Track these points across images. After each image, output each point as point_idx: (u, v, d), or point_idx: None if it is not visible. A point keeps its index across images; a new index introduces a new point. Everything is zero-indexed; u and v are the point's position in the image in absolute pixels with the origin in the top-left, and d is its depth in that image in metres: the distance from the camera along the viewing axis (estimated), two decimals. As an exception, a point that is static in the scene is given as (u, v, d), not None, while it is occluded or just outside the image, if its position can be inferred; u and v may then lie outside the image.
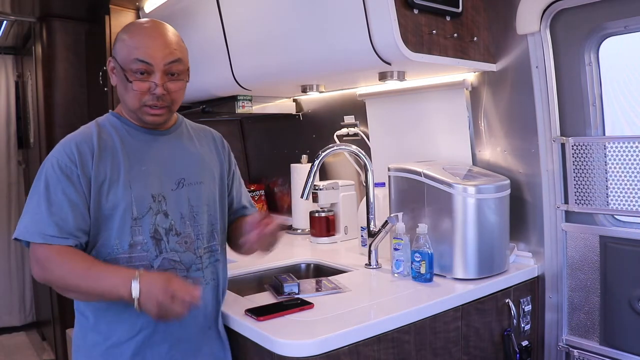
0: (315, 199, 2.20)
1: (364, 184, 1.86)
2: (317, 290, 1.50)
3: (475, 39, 1.70)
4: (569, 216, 1.67)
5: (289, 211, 2.63)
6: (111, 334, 1.18)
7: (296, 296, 1.43)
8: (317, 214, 2.23)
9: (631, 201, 1.53)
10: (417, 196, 1.65)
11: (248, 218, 1.28)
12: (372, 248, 1.77)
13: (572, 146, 1.63)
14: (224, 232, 1.38)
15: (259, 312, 1.30)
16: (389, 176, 1.74)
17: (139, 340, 1.19)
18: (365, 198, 1.83)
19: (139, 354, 1.19)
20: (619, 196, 1.56)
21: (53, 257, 1.10)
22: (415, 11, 1.51)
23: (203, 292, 1.24)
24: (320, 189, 2.20)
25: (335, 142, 2.37)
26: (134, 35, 1.18)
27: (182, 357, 1.24)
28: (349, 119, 2.35)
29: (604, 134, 1.61)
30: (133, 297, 1.04)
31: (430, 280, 1.55)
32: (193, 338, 1.25)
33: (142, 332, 1.19)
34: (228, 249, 1.41)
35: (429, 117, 1.97)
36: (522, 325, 1.67)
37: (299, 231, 2.47)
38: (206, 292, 1.27)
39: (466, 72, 1.82)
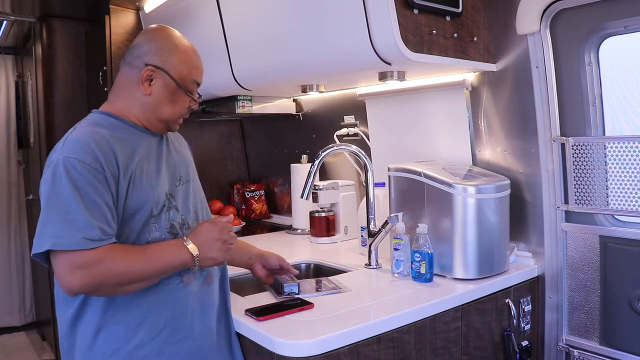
0: (315, 199, 2.20)
1: (364, 184, 1.86)
2: (317, 290, 1.50)
3: (475, 39, 1.70)
4: (569, 216, 1.67)
5: (289, 211, 2.63)
6: (131, 336, 1.15)
7: (296, 296, 1.43)
8: (317, 214, 2.23)
9: (631, 201, 1.53)
10: (417, 196, 1.65)
11: None
12: (372, 248, 1.77)
13: (572, 146, 1.63)
14: None
15: (259, 312, 1.30)
16: (389, 176, 1.74)
17: (161, 339, 1.18)
18: (365, 198, 1.83)
19: (163, 354, 1.18)
20: (619, 196, 1.56)
21: (105, 255, 1.07)
22: (415, 11, 1.51)
23: (213, 286, 1.30)
24: (320, 189, 2.20)
25: (335, 142, 2.37)
26: (187, 54, 1.27)
27: (204, 351, 1.25)
28: (349, 119, 2.35)
29: (604, 134, 1.61)
30: (194, 256, 1.14)
31: (430, 280, 1.55)
32: (210, 330, 1.27)
33: (165, 331, 1.18)
34: None
35: (429, 117, 1.97)
36: (522, 325, 1.67)
37: (299, 231, 2.47)
38: (215, 284, 1.31)
39: (466, 72, 1.82)
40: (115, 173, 1.13)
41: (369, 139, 2.24)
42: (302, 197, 1.74)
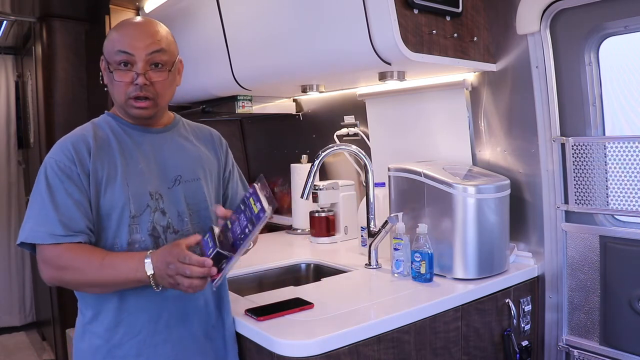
0: (315, 199, 2.20)
1: (364, 184, 1.86)
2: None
3: (475, 39, 1.70)
4: (569, 216, 1.67)
5: (289, 211, 2.62)
6: (111, 335, 1.18)
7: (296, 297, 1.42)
8: (317, 214, 2.23)
9: (631, 201, 1.53)
10: (417, 196, 1.65)
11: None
12: (372, 248, 1.77)
13: (572, 146, 1.63)
14: None
15: (259, 312, 1.30)
16: (389, 176, 1.74)
17: (140, 340, 1.18)
18: (365, 198, 1.83)
19: (141, 355, 1.18)
20: (619, 196, 1.56)
21: (64, 253, 1.10)
22: (415, 11, 1.51)
23: (203, 290, 1.17)
24: (320, 189, 2.20)
25: (335, 142, 2.37)
26: (119, 29, 1.21)
27: (186, 356, 1.23)
28: (349, 119, 2.35)
29: (604, 134, 1.61)
30: (148, 275, 1.07)
31: (430, 280, 1.55)
32: (194, 336, 1.25)
33: (142, 332, 1.19)
34: None
35: (429, 117, 1.97)
36: (522, 325, 1.67)
37: (299, 231, 2.47)
38: (207, 290, 1.25)
39: (466, 72, 1.82)
40: (87, 170, 1.15)
41: (369, 139, 2.24)
42: (302, 197, 1.74)
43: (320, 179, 2.43)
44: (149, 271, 1.07)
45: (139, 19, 1.26)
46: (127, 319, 1.18)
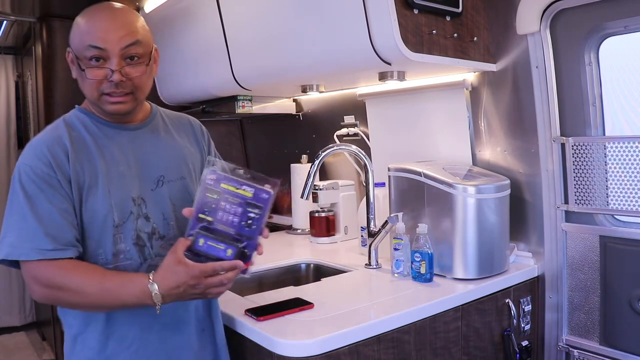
0: (315, 199, 2.20)
1: (364, 184, 1.86)
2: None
3: (475, 39, 1.70)
4: (569, 216, 1.67)
5: (289, 211, 2.62)
6: (102, 347, 1.11)
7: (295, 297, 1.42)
8: (317, 214, 2.23)
9: (631, 201, 1.53)
10: (417, 196, 1.65)
11: None
12: (372, 248, 1.77)
13: (572, 146, 1.63)
14: None
15: (258, 312, 1.30)
16: (389, 176, 1.74)
17: (132, 351, 1.12)
18: (365, 198, 1.83)
19: None
20: (619, 196, 1.56)
21: (57, 273, 1.02)
22: (415, 11, 1.51)
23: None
24: (320, 189, 2.20)
25: (335, 142, 2.37)
26: (86, 19, 1.09)
27: None
28: (349, 119, 2.35)
29: (604, 134, 1.61)
30: (156, 302, 1.00)
31: (430, 280, 1.55)
32: (188, 343, 1.20)
33: (134, 344, 1.12)
34: None
35: (429, 117, 1.97)
36: (522, 325, 1.67)
37: (299, 231, 2.47)
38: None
39: (466, 72, 1.82)
40: (67, 176, 1.05)
41: (369, 139, 2.24)
42: (302, 197, 1.74)
43: (320, 179, 2.43)
44: (157, 301, 1.00)
45: (106, 5, 1.11)
46: (118, 330, 1.11)
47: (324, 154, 1.78)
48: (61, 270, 1.02)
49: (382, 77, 1.75)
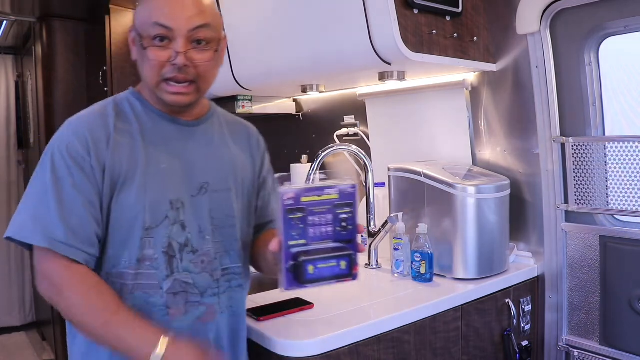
0: (315, 199, 2.19)
1: (364, 184, 1.86)
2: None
3: (475, 39, 1.70)
4: (569, 216, 1.67)
5: (289, 211, 2.62)
6: None
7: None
8: (317, 214, 2.23)
9: (631, 201, 1.53)
10: (417, 196, 1.65)
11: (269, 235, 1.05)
12: (372, 248, 1.77)
13: (572, 146, 1.63)
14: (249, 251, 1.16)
15: (259, 312, 1.30)
16: (389, 176, 1.74)
17: None
18: (365, 198, 1.83)
19: None
20: (619, 196, 1.56)
21: (67, 280, 0.92)
22: (415, 11, 1.51)
23: (217, 322, 1.06)
24: (320, 189, 2.19)
25: (335, 142, 2.37)
26: None
27: None
28: (349, 119, 2.35)
29: (604, 134, 1.61)
30: None
31: (430, 280, 1.55)
32: None
33: None
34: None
35: (429, 117, 1.97)
36: (522, 325, 1.67)
37: (299, 231, 2.46)
38: (220, 322, 1.06)
39: (466, 72, 1.82)
40: (103, 163, 0.95)
41: (369, 139, 2.24)
42: (302, 197, 1.73)
43: (320, 179, 2.43)
44: None
45: None
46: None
47: (324, 154, 1.78)
48: (72, 279, 0.92)
49: (382, 77, 1.75)
